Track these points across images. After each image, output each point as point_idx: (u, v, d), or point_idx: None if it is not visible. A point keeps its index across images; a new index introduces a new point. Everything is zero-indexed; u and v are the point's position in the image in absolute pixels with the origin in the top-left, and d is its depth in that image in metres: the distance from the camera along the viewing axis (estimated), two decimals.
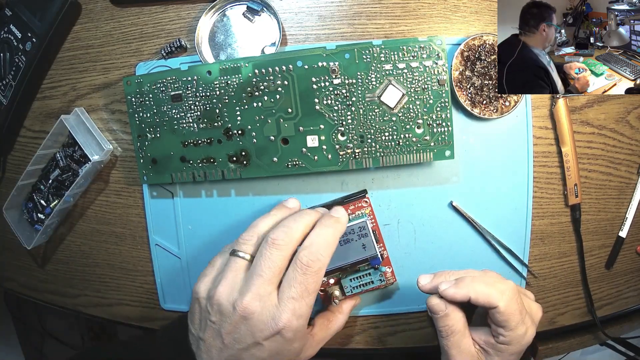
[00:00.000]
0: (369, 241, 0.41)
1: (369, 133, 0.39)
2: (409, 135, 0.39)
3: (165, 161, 0.43)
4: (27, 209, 0.51)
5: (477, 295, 0.35)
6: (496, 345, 0.36)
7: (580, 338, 0.52)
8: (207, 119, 0.40)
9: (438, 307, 0.37)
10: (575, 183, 0.46)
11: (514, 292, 0.35)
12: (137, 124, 0.43)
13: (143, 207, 0.49)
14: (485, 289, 0.35)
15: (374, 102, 0.37)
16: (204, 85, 0.40)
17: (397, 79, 0.37)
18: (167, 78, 0.41)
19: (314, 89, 0.37)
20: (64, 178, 0.49)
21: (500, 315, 0.35)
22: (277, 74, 0.38)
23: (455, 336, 0.36)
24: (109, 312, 0.52)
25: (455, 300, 0.36)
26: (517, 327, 0.35)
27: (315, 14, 0.45)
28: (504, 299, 0.35)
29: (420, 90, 0.37)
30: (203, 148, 0.41)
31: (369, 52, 0.36)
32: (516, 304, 0.35)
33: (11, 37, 0.46)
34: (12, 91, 0.47)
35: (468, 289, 0.35)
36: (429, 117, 0.39)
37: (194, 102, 0.41)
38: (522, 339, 0.36)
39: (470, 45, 0.43)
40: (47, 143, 0.47)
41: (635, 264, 0.50)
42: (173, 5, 0.46)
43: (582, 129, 0.46)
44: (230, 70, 0.39)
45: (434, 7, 0.45)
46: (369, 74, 0.36)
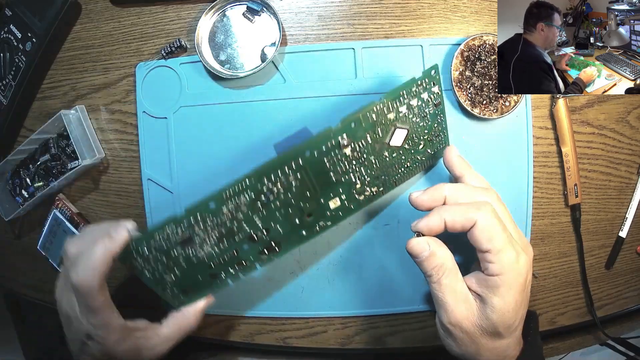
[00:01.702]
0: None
1: (383, 174, 0.39)
2: (415, 157, 0.40)
3: (195, 286, 0.39)
4: (13, 182, 0.52)
5: (453, 216, 0.32)
6: (488, 280, 0.32)
7: (580, 338, 0.52)
8: (227, 239, 0.36)
9: (420, 247, 0.33)
10: (575, 183, 0.46)
11: (491, 207, 0.32)
12: (153, 280, 0.38)
13: (143, 207, 0.49)
14: (459, 208, 0.32)
15: (383, 148, 0.37)
16: (212, 216, 0.35)
17: (400, 121, 0.37)
18: (168, 231, 0.35)
19: (327, 167, 0.35)
20: (52, 165, 0.49)
21: (481, 232, 0.31)
22: (287, 173, 0.35)
23: (449, 277, 0.33)
24: None
25: (432, 231, 0.33)
26: (504, 249, 0.31)
27: (315, 14, 0.45)
28: (481, 213, 0.31)
29: (421, 119, 0.38)
30: (230, 260, 0.38)
31: (373, 111, 0.35)
32: (496, 219, 0.32)
33: (11, 37, 0.46)
34: (12, 91, 0.47)
35: (439, 214, 0.32)
36: (429, 135, 0.40)
37: (207, 235, 0.36)
38: (514, 267, 0.32)
39: (470, 46, 0.43)
40: (44, 128, 0.47)
41: (635, 264, 0.50)
42: (173, 5, 0.46)
43: (582, 129, 0.46)
44: (234, 193, 0.35)
45: (434, 7, 0.45)
46: (376, 129, 0.36)
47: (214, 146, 0.47)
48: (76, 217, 0.49)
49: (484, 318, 0.32)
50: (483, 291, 0.32)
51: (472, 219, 0.31)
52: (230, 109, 0.46)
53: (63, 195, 0.50)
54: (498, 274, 0.31)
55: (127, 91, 0.48)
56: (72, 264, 0.34)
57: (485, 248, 0.32)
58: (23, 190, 0.51)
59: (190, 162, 0.47)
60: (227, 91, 0.46)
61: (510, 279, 0.32)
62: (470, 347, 0.33)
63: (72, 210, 0.50)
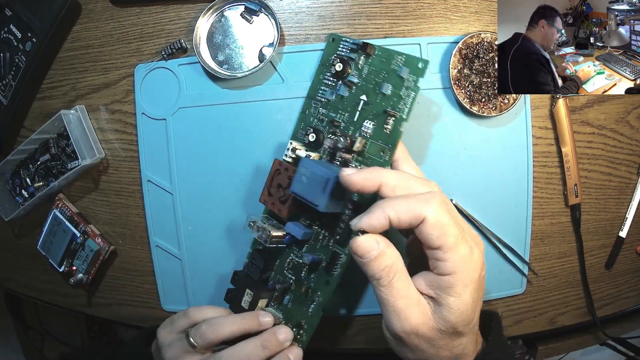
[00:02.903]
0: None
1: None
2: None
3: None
4: (13, 182, 0.52)
5: (398, 212, 0.28)
6: (440, 279, 0.29)
7: (580, 338, 0.52)
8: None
9: (368, 245, 0.29)
10: (575, 183, 0.46)
11: (442, 198, 0.29)
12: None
13: (143, 207, 0.49)
14: (405, 202, 0.28)
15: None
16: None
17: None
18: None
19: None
20: (52, 165, 0.49)
21: (431, 228, 0.28)
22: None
23: (400, 279, 0.29)
24: (109, 312, 0.52)
25: (376, 229, 0.29)
26: (457, 245, 0.28)
27: (315, 14, 0.45)
28: (431, 207, 0.28)
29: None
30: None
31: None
32: (447, 212, 0.28)
33: (11, 37, 0.46)
34: (12, 91, 0.47)
35: (383, 209, 0.28)
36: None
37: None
38: (469, 263, 0.29)
39: (468, 43, 0.43)
40: (44, 128, 0.47)
41: (635, 264, 0.49)
42: (173, 5, 0.46)
43: (582, 129, 0.46)
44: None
45: (434, 7, 0.45)
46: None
47: (213, 147, 0.47)
48: (76, 217, 0.49)
49: (441, 320, 0.29)
50: (436, 292, 0.29)
51: (421, 215, 0.28)
52: (229, 109, 0.46)
53: (63, 195, 0.50)
54: (451, 272, 0.28)
55: (127, 91, 0.48)
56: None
57: (436, 245, 0.28)
58: (23, 190, 0.51)
59: (190, 163, 0.47)
60: (225, 92, 0.46)
61: (465, 276, 0.28)
62: (428, 351, 0.30)
63: (72, 210, 0.50)
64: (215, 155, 0.47)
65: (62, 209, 0.50)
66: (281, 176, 0.40)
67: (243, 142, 0.46)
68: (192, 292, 0.48)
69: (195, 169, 0.47)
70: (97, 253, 0.49)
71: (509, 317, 0.48)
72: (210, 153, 0.47)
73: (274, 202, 0.40)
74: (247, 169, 0.46)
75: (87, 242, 0.49)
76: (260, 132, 0.46)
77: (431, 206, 0.28)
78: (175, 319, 0.38)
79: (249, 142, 0.46)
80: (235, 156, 0.46)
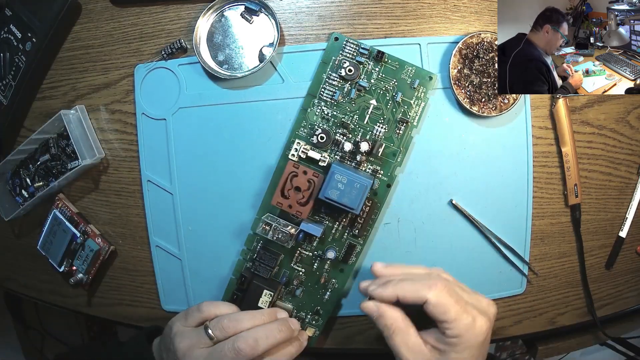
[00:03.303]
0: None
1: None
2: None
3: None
4: (13, 182, 0.52)
5: (404, 293, 0.35)
6: (446, 340, 0.35)
7: (580, 338, 0.52)
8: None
9: (369, 309, 0.37)
10: (575, 183, 0.46)
11: (443, 284, 0.35)
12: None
13: (143, 207, 0.49)
14: (411, 286, 0.35)
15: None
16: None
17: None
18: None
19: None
20: (52, 165, 0.49)
21: (434, 307, 0.34)
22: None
23: (399, 335, 0.36)
24: (109, 312, 0.52)
25: (384, 300, 0.36)
26: (459, 317, 0.34)
27: (315, 14, 0.45)
28: (432, 291, 0.34)
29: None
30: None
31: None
32: (448, 294, 0.35)
33: (11, 37, 0.46)
34: (12, 91, 0.47)
35: (394, 288, 0.36)
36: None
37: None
38: (471, 330, 0.34)
39: (468, 43, 0.43)
40: (44, 128, 0.47)
41: (635, 264, 0.49)
42: (173, 5, 0.46)
43: (582, 129, 0.46)
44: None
45: (434, 7, 0.45)
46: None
47: (213, 147, 0.47)
48: (76, 217, 0.49)
49: None
50: (442, 346, 0.35)
51: (423, 297, 0.34)
52: (229, 109, 0.46)
53: (63, 195, 0.50)
54: (456, 336, 0.34)
55: (127, 91, 0.48)
56: None
57: (439, 320, 0.34)
58: (23, 190, 0.51)
59: (190, 163, 0.47)
60: (225, 92, 0.46)
61: (467, 339, 0.34)
62: None
63: (72, 210, 0.50)
64: (215, 155, 0.47)
65: (62, 209, 0.50)
66: (298, 179, 0.40)
67: (243, 142, 0.46)
68: (192, 292, 0.48)
69: (195, 169, 0.47)
70: (97, 253, 0.49)
71: (509, 317, 0.48)
72: (210, 153, 0.47)
73: (291, 204, 0.41)
74: (247, 169, 0.46)
75: (87, 242, 0.49)
76: (260, 132, 0.46)
77: (433, 291, 0.34)
78: (189, 313, 0.41)
79: (249, 142, 0.46)
80: (236, 156, 0.46)
